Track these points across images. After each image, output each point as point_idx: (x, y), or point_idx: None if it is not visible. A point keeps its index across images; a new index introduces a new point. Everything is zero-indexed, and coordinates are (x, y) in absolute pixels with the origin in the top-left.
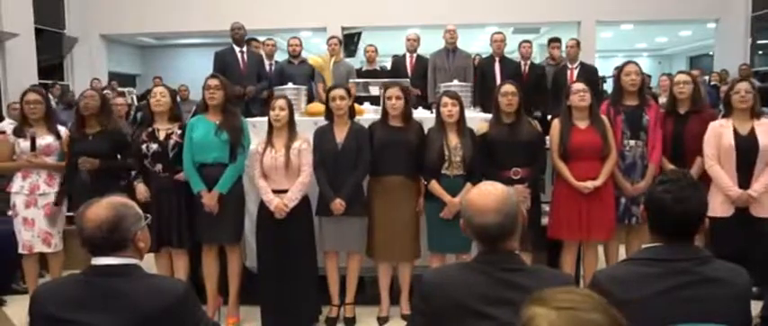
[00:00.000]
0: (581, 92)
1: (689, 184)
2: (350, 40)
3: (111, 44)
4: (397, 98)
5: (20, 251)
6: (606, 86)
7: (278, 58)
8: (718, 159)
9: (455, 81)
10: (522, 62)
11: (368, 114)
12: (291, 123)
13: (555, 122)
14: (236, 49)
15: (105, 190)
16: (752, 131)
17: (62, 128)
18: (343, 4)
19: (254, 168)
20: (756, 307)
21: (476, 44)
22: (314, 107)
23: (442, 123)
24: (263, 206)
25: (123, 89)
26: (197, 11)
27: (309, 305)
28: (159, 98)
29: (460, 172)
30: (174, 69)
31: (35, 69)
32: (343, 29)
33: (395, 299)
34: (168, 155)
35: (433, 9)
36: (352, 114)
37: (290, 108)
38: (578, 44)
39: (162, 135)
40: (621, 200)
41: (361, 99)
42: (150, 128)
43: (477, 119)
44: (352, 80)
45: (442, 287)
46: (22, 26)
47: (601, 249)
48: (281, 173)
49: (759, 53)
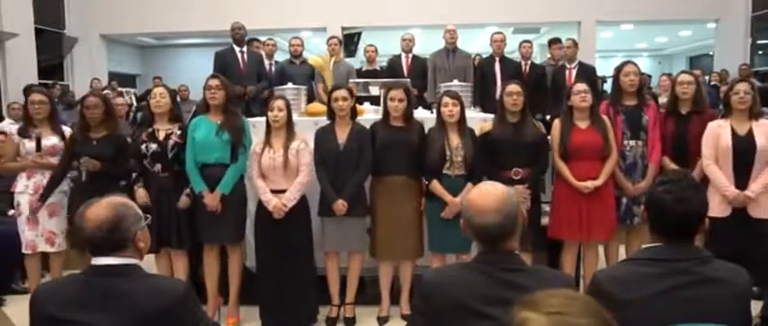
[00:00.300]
0: (582, 93)
1: (690, 184)
2: (350, 40)
3: (111, 44)
4: (400, 100)
5: (23, 251)
6: (606, 86)
7: (278, 58)
8: (716, 160)
9: (455, 81)
10: (523, 62)
11: (368, 114)
12: (290, 124)
13: (556, 122)
14: (236, 49)
15: (105, 191)
16: (750, 131)
17: (67, 128)
18: (343, 4)
19: (252, 168)
20: (756, 307)
21: (476, 44)
22: (314, 107)
23: (442, 123)
24: (260, 206)
25: (123, 89)
26: (197, 11)
27: (308, 306)
28: (159, 99)
29: (462, 172)
30: (174, 69)
31: (35, 69)
32: (343, 29)
33: (395, 299)
34: (167, 155)
35: (433, 9)
36: (353, 115)
37: (288, 108)
38: (576, 44)
39: (161, 135)
40: (623, 200)
41: (361, 99)
42: (150, 128)
43: (477, 119)
44: (352, 80)
45: (442, 287)
46: (22, 26)
47: (601, 248)
48: (279, 173)
49: (759, 53)
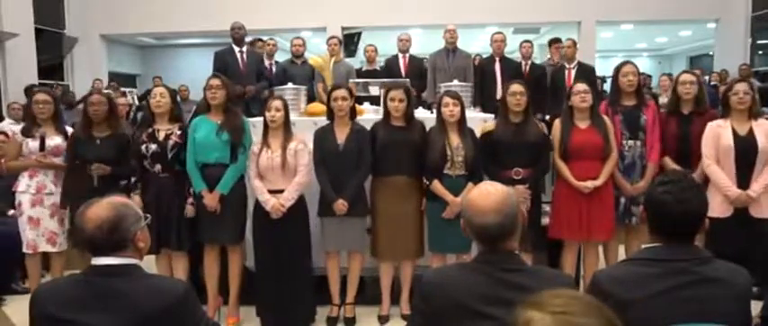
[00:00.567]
0: (582, 93)
1: (689, 184)
2: (350, 40)
3: (111, 44)
4: (400, 100)
5: (24, 250)
6: (606, 86)
7: (278, 58)
8: (717, 160)
9: (455, 81)
10: (523, 62)
11: (368, 115)
12: (287, 124)
13: (556, 122)
14: (235, 49)
15: (107, 191)
16: (750, 131)
17: (70, 129)
18: (343, 4)
19: (249, 169)
20: (756, 307)
21: (476, 44)
22: (314, 107)
23: (443, 123)
24: (258, 206)
25: (125, 89)
26: (197, 11)
27: (304, 307)
28: (159, 99)
29: (462, 172)
30: (174, 69)
31: (35, 69)
32: (343, 29)
33: (395, 299)
34: (167, 155)
35: (433, 9)
36: (353, 115)
37: (285, 108)
38: (575, 44)
39: (161, 136)
40: (621, 200)
41: (361, 99)
42: (150, 128)
43: (478, 119)
44: (352, 80)
45: (441, 287)
46: (22, 26)
47: (600, 248)
48: (277, 173)
49: (759, 53)
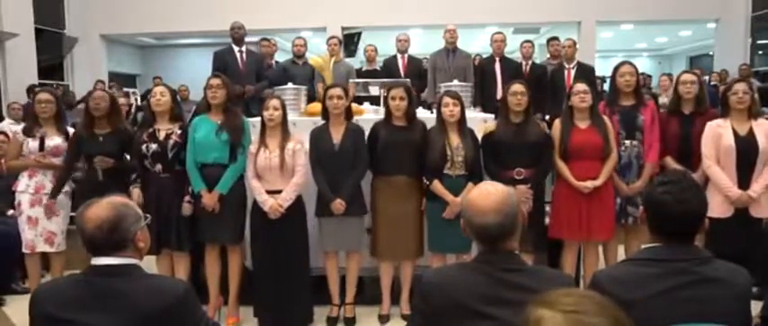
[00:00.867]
0: (582, 93)
1: (689, 184)
2: (350, 40)
3: (111, 44)
4: (401, 99)
5: (23, 250)
6: (606, 86)
7: (278, 58)
8: (718, 160)
9: (455, 81)
10: (524, 62)
11: (368, 114)
12: (285, 124)
13: (556, 122)
14: (235, 49)
15: (113, 185)
16: (750, 131)
17: (72, 129)
18: (343, 4)
19: (247, 169)
20: (756, 307)
21: (476, 44)
22: (314, 107)
23: (443, 123)
24: (255, 206)
25: (128, 90)
26: (197, 11)
27: (302, 307)
28: (159, 98)
29: (462, 172)
30: (174, 69)
31: (35, 69)
32: (343, 29)
33: (395, 299)
34: (168, 155)
35: (433, 9)
36: (348, 115)
37: (283, 108)
38: (575, 44)
39: (162, 135)
40: (617, 200)
41: (360, 99)
42: (151, 128)
43: (478, 119)
44: (352, 80)
45: (441, 287)
46: (22, 26)
47: (600, 248)
48: (275, 173)
49: (759, 53)
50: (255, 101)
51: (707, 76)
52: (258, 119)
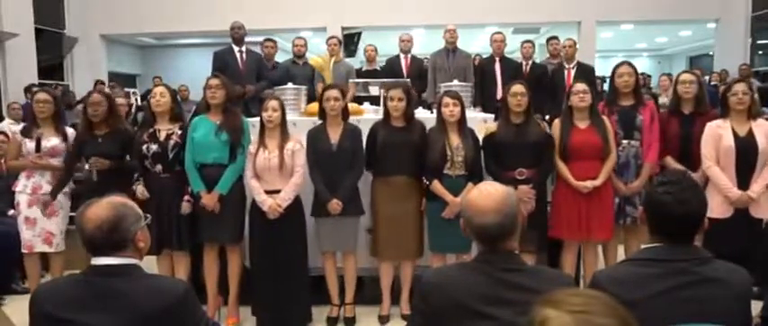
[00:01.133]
0: (581, 93)
1: (689, 184)
2: (350, 40)
3: (111, 44)
4: (400, 100)
5: (22, 250)
6: (606, 86)
7: (278, 58)
8: (718, 161)
9: (455, 81)
10: (524, 62)
11: (368, 114)
12: (284, 124)
13: (556, 122)
14: (235, 49)
15: (107, 187)
16: (750, 131)
17: (70, 129)
18: (343, 4)
19: (246, 169)
20: (756, 307)
21: (476, 44)
22: (314, 107)
23: (443, 123)
24: (254, 206)
25: (128, 90)
26: (197, 11)
27: (300, 307)
28: (159, 98)
29: (462, 172)
30: (174, 69)
31: (35, 69)
32: (343, 29)
33: (395, 299)
34: (168, 156)
35: (433, 9)
36: (345, 115)
37: (282, 109)
38: (575, 44)
39: (162, 136)
40: (615, 200)
41: (360, 99)
42: (151, 129)
43: (478, 119)
44: (352, 80)
45: (441, 287)
46: (22, 26)
47: (600, 248)
48: (274, 173)
49: (759, 53)
50: (255, 101)
51: (707, 77)
52: (257, 119)
